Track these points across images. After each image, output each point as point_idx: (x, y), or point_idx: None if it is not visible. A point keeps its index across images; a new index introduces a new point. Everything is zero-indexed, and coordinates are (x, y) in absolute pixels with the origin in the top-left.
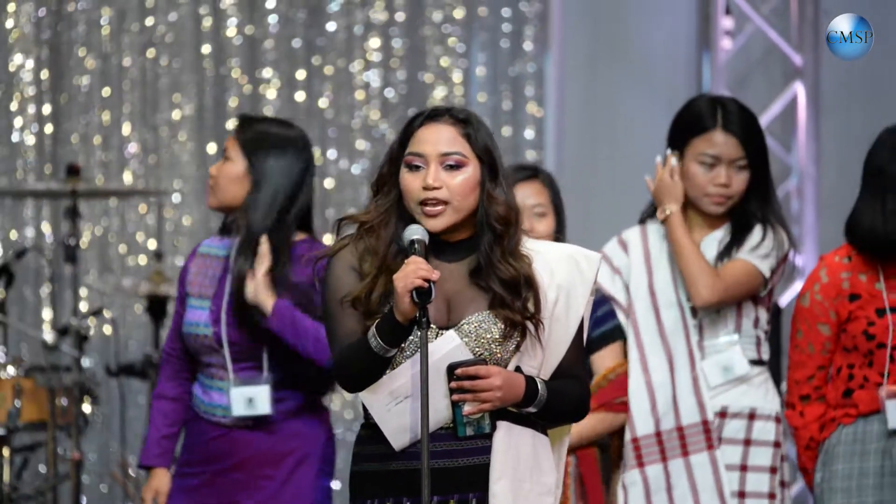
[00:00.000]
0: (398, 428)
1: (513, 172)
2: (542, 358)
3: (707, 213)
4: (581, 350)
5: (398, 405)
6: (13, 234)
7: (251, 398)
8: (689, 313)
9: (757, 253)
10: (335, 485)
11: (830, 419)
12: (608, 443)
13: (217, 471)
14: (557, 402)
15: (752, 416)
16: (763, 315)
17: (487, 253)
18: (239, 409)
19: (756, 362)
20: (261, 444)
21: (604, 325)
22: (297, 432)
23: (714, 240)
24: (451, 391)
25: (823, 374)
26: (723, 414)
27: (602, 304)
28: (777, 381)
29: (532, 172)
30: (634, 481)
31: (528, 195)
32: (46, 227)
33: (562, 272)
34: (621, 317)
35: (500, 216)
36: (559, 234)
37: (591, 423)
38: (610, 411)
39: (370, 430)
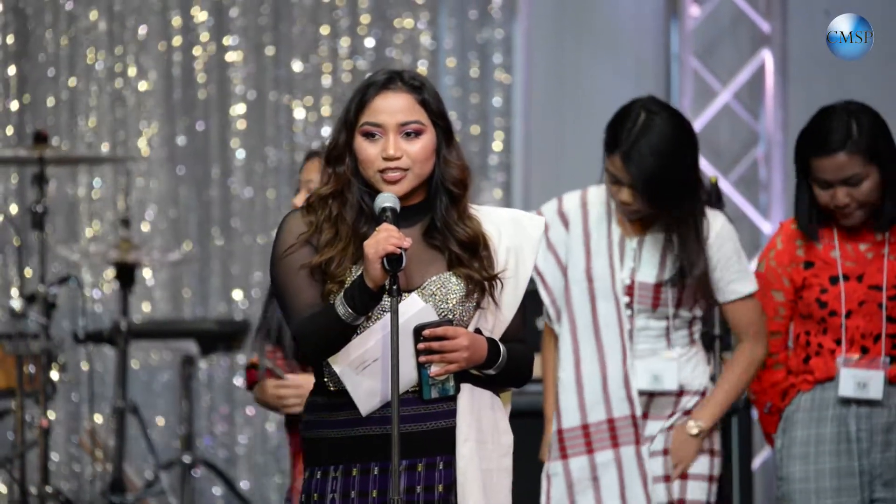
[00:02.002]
0: (366, 392)
1: None
2: (495, 320)
3: None
4: (525, 314)
5: (366, 369)
6: None
7: None
8: (623, 305)
9: (738, 274)
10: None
11: (791, 385)
12: None
13: None
14: (512, 365)
15: (680, 394)
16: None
17: (444, 215)
18: None
19: (687, 344)
20: None
21: None
22: None
23: (656, 241)
24: (418, 353)
25: (778, 340)
26: (651, 393)
27: None
28: None
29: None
30: (557, 472)
31: None
32: (13, 194)
33: (509, 233)
34: (543, 296)
35: (456, 179)
36: None
37: None
38: None
39: (328, 397)
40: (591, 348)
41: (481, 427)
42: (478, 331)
